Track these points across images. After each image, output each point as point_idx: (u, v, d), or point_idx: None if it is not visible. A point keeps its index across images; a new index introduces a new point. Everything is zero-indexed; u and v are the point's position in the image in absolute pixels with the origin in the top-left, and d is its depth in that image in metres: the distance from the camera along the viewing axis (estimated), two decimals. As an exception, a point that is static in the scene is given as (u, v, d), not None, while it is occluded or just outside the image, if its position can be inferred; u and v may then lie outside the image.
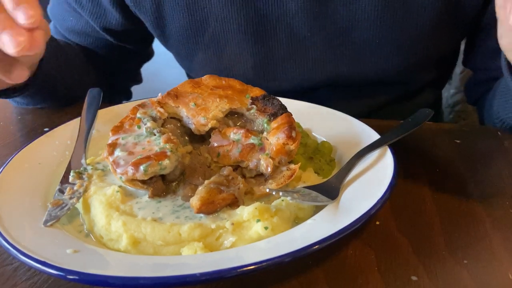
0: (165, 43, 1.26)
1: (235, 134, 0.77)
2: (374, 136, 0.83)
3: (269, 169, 0.72)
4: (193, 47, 1.20)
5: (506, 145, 0.94)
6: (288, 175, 0.73)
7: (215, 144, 0.77)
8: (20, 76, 0.76)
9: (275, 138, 0.75)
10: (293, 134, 0.75)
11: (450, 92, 1.76)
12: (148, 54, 1.44)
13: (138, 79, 1.48)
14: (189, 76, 1.44)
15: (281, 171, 0.74)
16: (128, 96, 1.48)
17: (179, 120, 0.83)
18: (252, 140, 0.76)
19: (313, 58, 1.15)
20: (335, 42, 1.12)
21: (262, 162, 0.73)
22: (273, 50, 1.15)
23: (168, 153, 0.70)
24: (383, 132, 0.83)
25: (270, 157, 0.73)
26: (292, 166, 0.74)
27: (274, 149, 0.73)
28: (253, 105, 0.82)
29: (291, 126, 0.77)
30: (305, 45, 1.13)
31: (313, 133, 0.93)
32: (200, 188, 0.68)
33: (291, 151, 0.74)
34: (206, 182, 0.70)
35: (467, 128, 1.04)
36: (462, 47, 1.31)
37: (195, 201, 0.66)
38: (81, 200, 0.73)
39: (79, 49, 1.30)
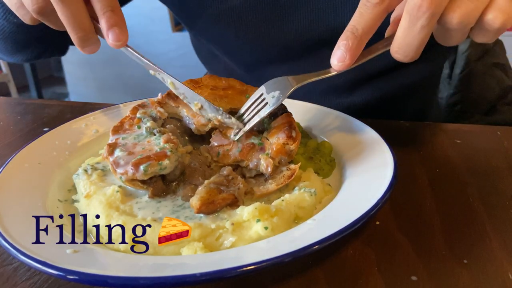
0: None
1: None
2: (374, 136, 0.83)
3: (269, 169, 0.72)
4: None
5: (506, 145, 0.94)
6: (288, 175, 0.73)
7: (215, 144, 0.77)
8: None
9: (275, 138, 0.75)
10: (293, 134, 0.75)
11: (450, 92, 1.76)
12: None
13: (64, 50, 1.33)
14: (192, 40, 1.44)
15: (281, 171, 0.74)
16: (63, 52, 1.33)
17: (179, 120, 0.83)
18: (253, 140, 0.76)
19: (317, 7, 1.14)
20: None
21: (262, 162, 0.73)
22: None
23: (168, 153, 0.70)
24: (383, 132, 0.83)
25: (270, 157, 0.73)
26: (292, 166, 0.74)
27: (274, 149, 0.73)
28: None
29: (291, 126, 0.77)
30: None
31: (313, 133, 0.93)
32: (200, 188, 0.68)
33: (291, 151, 0.74)
34: (206, 182, 0.70)
35: (467, 128, 1.04)
36: (463, 46, 1.30)
37: (195, 201, 0.66)
38: (81, 200, 0.73)
39: None
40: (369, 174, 0.73)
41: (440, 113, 1.59)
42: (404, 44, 0.65)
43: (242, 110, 0.78)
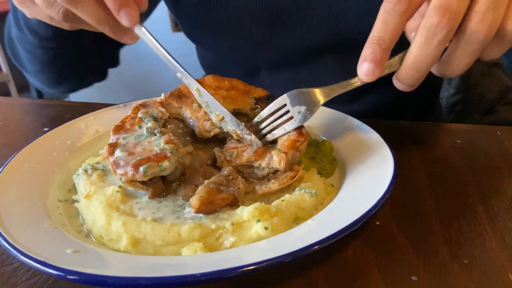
0: (179, 9, 1.24)
1: None
2: (374, 135, 0.83)
3: (282, 164, 0.72)
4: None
5: (506, 145, 0.94)
6: (291, 176, 0.73)
7: (231, 146, 0.77)
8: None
9: (285, 136, 0.75)
10: (304, 131, 0.75)
11: (450, 92, 1.76)
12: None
13: (116, 62, 1.41)
14: (197, 49, 1.45)
15: (284, 171, 0.74)
16: (104, 77, 1.41)
17: (182, 120, 0.83)
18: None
19: (318, 14, 1.14)
20: None
21: (274, 157, 0.73)
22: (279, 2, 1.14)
23: (168, 154, 0.70)
24: (383, 132, 0.83)
25: (283, 152, 0.73)
26: (296, 166, 0.74)
27: (286, 144, 0.74)
28: (257, 105, 0.82)
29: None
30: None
31: (313, 133, 0.93)
32: (200, 188, 0.68)
33: (300, 149, 0.75)
34: (206, 182, 0.70)
35: (467, 128, 1.04)
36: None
37: (194, 201, 0.66)
38: (81, 200, 0.73)
39: None
40: (369, 174, 0.73)
41: (440, 113, 1.59)
42: (418, 60, 0.65)
43: (263, 115, 0.77)
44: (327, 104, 0.98)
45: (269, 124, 0.77)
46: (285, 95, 0.75)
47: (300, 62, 1.22)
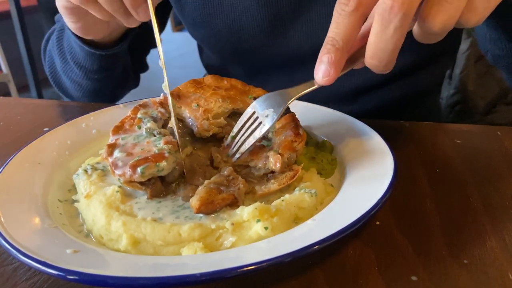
0: (182, 9, 1.26)
1: None
2: (374, 135, 0.83)
3: (278, 165, 0.72)
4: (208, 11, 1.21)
5: (506, 145, 0.94)
6: (291, 176, 0.73)
7: (226, 145, 0.77)
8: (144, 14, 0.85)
9: (282, 136, 0.75)
10: (300, 132, 0.75)
11: (450, 92, 1.76)
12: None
13: (146, 66, 1.49)
14: (200, 48, 1.47)
15: (283, 170, 0.74)
16: (137, 84, 1.49)
17: (181, 120, 0.83)
18: (263, 143, 0.77)
19: (317, 16, 1.14)
20: None
21: (270, 159, 0.73)
22: (280, 4, 1.15)
23: (166, 155, 0.70)
24: (383, 132, 0.83)
25: (279, 153, 0.73)
26: (295, 166, 0.74)
27: (282, 145, 0.74)
28: None
29: (297, 124, 0.77)
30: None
31: (312, 133, 0.93)
32: (200, 188, 0.68)
33: (297, 149, 0.74)
34: (206, 182, 0.70)
35: (467, 128, 1.04)
36: (463, 45, 1.30)
37: (194, 201, 0.66)
38: (81, 200, 0.73)
39: None
40: (369, 174, 0.73)
41: (440, 113, 1.59)
42: (378, 49, 0.61)
43: (235, 129, 0.76)
44: (326, 104, 0.99)
45: (241, 136, 0.75)
46: (253, 103, 0.74)
47: (301, 65, 1.22)
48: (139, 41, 1.31)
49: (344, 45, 0.63)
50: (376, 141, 0.81)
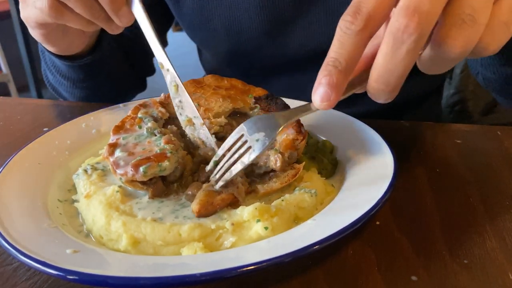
0: (180, 11, 1.26)
1: None
2: (374, 135, 0.83)
3: (278, 164, 0.72)
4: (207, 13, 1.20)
5: (506, 145, 0.94)
6: (292, 174, 0.73)
7: (208, 171, 0.77)
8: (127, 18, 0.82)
9: (284, 135, 0.75)
10: (303, 130, 0.75)
11: (450, 92, 1.76)
12: (164, 41, 1.44)
13: (152, 69, 1.47)
14: (199, 50, 1.46)
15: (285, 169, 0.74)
16: (143, 88, 1.47)
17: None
18: None
19: (317, 19, 1.14)
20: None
21: (271, 157, 0.73)
22: (280, 5, 1.14)
23: (168, 155, 0.70)
24: (383, 132, 0.83)
25: (279, 152, 0.73)
26: (296, 165, 0.74)
27: (284, 144, 0.74)
28: (257, 105, 0.82)
29: (299, 122, 0.77)
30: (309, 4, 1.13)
31: (313, 133, 0.93)
32: (199, 192, 0.68)
33: (299, 148, 0.74)
34: (204, 186, 0.69)
35: (467, 128, 1.04)
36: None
37: (194, 205, 0.66)
38: (81, 200, 0.73)
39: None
40: (369, 174, 0.73)
41: (440, 113, 1.59)
42: (385, 71, 0.54)
43: (220, 152, 0.69)
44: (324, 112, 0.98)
45: (227, 161, 0.68)
46: (242, 125, 0.67)
47: (300, 67, 1.22)
48: (137, 44, 1.31)
49: (348, 67, 0.56)
50: (376, 141, 0.81)
